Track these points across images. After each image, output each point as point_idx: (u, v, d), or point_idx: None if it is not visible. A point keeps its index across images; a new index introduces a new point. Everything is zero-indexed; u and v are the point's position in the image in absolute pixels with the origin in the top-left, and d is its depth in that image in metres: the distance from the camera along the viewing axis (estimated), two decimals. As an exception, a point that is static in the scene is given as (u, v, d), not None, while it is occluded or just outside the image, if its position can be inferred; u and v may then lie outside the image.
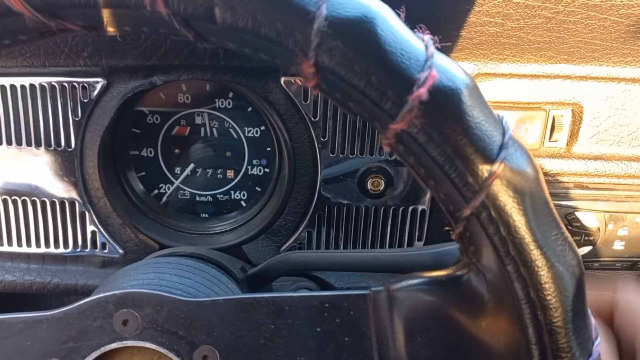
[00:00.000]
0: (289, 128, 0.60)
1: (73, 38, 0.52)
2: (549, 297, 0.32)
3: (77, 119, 0.58)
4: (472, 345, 0.35)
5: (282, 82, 0.57)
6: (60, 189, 0.61)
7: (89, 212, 0.61)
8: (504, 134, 0.33)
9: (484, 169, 0.32)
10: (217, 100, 0.64)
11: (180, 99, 0.64)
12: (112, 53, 0.54)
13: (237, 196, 0.68)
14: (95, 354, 0.37)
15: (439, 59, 0.33)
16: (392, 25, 0.32)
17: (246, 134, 0.65)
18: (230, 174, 0.67)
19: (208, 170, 0.67)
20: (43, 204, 0.61)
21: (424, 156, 0.33)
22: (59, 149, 0.59)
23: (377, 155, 0.60)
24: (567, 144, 0.60)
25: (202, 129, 0.66)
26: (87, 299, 0.38)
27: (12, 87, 0.57)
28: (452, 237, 0.37)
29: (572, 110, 0.59)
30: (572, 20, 0.51)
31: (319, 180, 0.61)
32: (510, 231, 0.32)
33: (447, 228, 0.37)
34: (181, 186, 0.68)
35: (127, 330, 0.38)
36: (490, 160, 0.32)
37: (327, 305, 0.38)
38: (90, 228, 0.62)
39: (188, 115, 0.65)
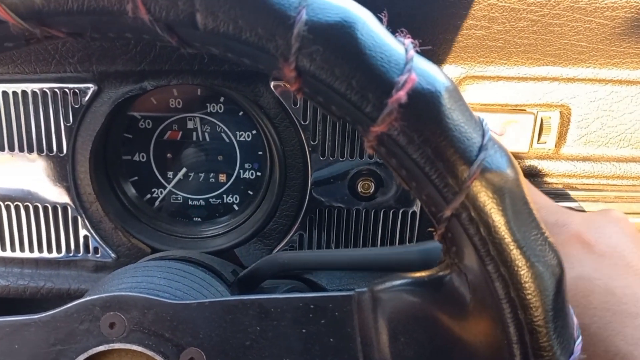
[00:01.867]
0: (279, 132, 0.60)
1: (63, 44, 0.53)
2: (529, 297, 0.33)
3: (68, 124, 0.58)
4: (455, 345, 0.35)
5: (271, 86, 0.58)
6: (53, 194, 0.61)
7: (81, 216, 0.62)
8: (483, 135, 0.33)
9: (464, 170, 0.32)
10: (208, 104, 0.64)
11: (172, 104, 0.64)
12: (102, 59, 0.55)
13: (230, 200, 0.69)
14: (82, 357, 0.38)
15: (419, 62, 0.33)
16: (372, 29, 0.33)
17: (238, 138, 0.66)
18: (222, 177, 0.68)
19: (200, 175, 0.68)
20: (36, 209, 0.62)
21: (405, 158, 0.34)
22: (50, 154, 0.59)
23: (366, 158, 0.60)
24: (555, 146, 0.61)
25: (194, 133, 0.66)
26: (74, 302, 0.38)
27: (4, 93, 0.58)
28: (435, 238, 0.37)
29: (560, 112, 0.59)
30: (557, 22, 0.52)
31: (309, 183, 0.61)
32: (490, 231, 0.32)
33: (430, 229, 0.37)
34: (174, 190, 0.68)
35: (114, 333, 0.38)
36: (469, 161, 0.32)
37: (312, 306, 0.38)
38: (82, 233, 0.63)
39: (180, 120, 0.65)
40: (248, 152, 0.67)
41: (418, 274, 0.37)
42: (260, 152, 0.66)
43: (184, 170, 0.67)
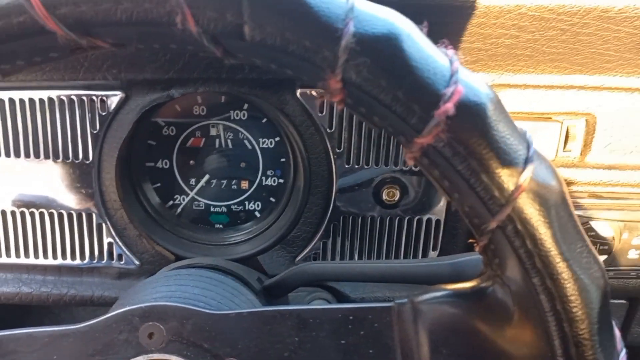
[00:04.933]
0: (304, 139, 0.60)
1: (93, 52, 0.53)
2: (575, 310, 0.32)
3: (95, 131, 0.58)
4: (498, 358, 0.35)
5: (297, 94, 0.58)
6: (77, 201, 0.61)
7: (106, 223, 0.62)
8: (528, 147, 0.33)
9: (510, 183, 0.32)
10: (232, 111, 0.65)
11: (196, 111, 0.64)
12: (131, 67, 0.55)
13: (252, 207, 0.69)
14: (121, 367, 0.38)
15: (464, 74, 0.33)
16: (418, 42, 0.33)
17: (261, 145, 0.66)
18: (244, 184, 0.68)
19: (223, 181, 0.68)
20: (60, 216, 0.62)
21: (449, 170, 0.34)
22: (76, 161, 0.59)
23: (392, 166, 0.60)
24: (581, 154, 0.60)
25: (217, 140, 0.66)
26: (113, 313, 0.38)
27: (31, 100, 0.58)
28: (475, 249, 0.37)
29: (585, 120, 0.59)
30: (586, 31, 0.52)
31: (334, 190, 0.61)
32: (536, 244, 0.32)
33: (471, 241, 0.37)
34: (196, 197, 0.68)
35: (152, 343, 0.38)
36: (516, 173, 0.32)
37: (351, 317, 0.38)
38: (106, 240, 0.63)
39: (203, 127, 0.66)
40: (271, 159, 0.67)
41: (460, 286, 0.37)
42: (283, 159, 0.66)
43: (207, 177, 0.67)
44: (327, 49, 0.32)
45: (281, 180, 0.67)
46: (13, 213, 0.62)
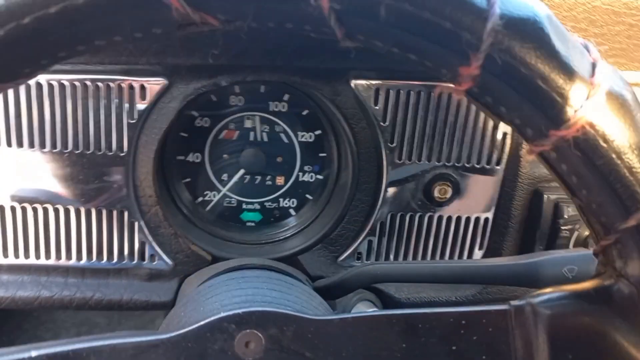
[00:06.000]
0: (355, 133, 0.57)
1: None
2: None
3: (132, 121, 0.54)
4: (626, 358, 0.34)
5: (352, 84, 0.55)
6: (107, 197, 0.56)
7: (139, 221, 0.57)
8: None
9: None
10: (270, 103, 0.61)
11: (233, 101, 0.60)
12: (178, 51, 0.51)
13: (286, 204, 0.65)
14: (215, 380, 0.34)
15: (603, 64, 0.32)
16: (559, 26, 0.31)
17: (299, 139, 0.63)
18: (280, 180, 0.64)
19: (256, 177, 0.64)
20: (87, 212, 0.57)
21: (583, 165, 0.32)
22: (109, 153, 0.55)
23: (444, 161, 0.58)
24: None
25: (252, 133, 0.62)
26: (206, 320, 0.34)
27: (61, 85, 0.53)
28: (594, 249, 0.35)
29: None
30: (654, 27, 0.51)
31: (383, 187, 0.59)
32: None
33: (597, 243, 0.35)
34: (228, 193, 0.64)
35: (249, 352, 0.34)
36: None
37: (463, 322, 0.36)
38: (138, 238, 0.58)
39: (237, 119, 0.62)
40: (309, 154, 0.63)
41: (580, 286, 0.35)
42: (321, 154, 0.63)
43: (241, 171, 0.63)
44: (471, 31, 0.29)
45: (319, 176, 0.64)
46: (35, 209, 0.56)
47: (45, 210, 0.56)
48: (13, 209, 0.56)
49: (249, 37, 0.50)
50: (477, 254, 0.62)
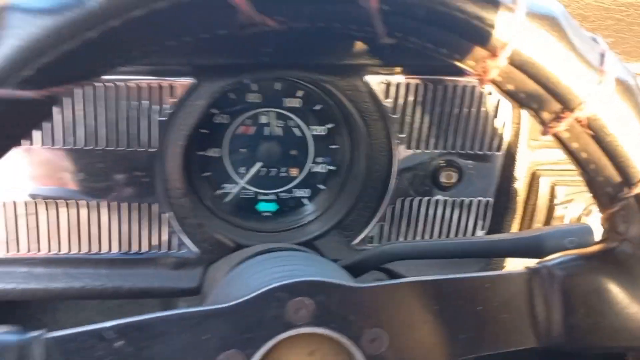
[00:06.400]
0: (368, 124, 0.62)
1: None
2: None
3: (162, 119, 0.57)
4: (631, 313, 0.39)
5: (365, 80, 0.59)
6: (138, 190, 0.60)
7: (168, 212, 0.61)
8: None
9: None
10: (284, 99, 0.65)
11: (250, 99, 0.64)
12: (205, 51, 0.55)
13: (300, 194, 0.69)
14: (271, 343, 0.38)
15: (610, 54, 0.37)
16: (572, 21, 0.36)
17: (312, 132, 0.67)
18: (293, 172, 0.68)
19: (272, 169, 0.68)
20: (118, 206, 0.60)
21: (592, 143, 0.37)
22: (140, 149, 0.58)
23: (449, 149, 0.63)
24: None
25: (267, 128, 0.66)
26: (260, 290, 0.38)
27: (94, 87, 0.56)
28: (601, 218, 0.40)
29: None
30: (637, 22, 0.57)
31: (393, 174, 0.63)
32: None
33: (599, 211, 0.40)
34: (245, 185, 0.68)
35: (299, 318, 0.38)
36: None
37: (487, 285, 0.40)
38: (167, 229, 0.62)
39: (253, 115, 0.66)
40: (321, 146, 0.68)
41: (589, 249, 0.40)
42: (332, 146, 0.68)
43: (259, 164, 0.67)
44: (498, 28, 0.34)
45: (331, 167, 0.68)
46: (67, 204, 0.59)
47: (78, 205, 0.60)
48: (47, 204, 0.59)
49: (277, 37, 0.53)
50: (480, 234, 0.67)
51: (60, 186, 0.59)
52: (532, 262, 0.42)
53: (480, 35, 0.34)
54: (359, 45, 0.56)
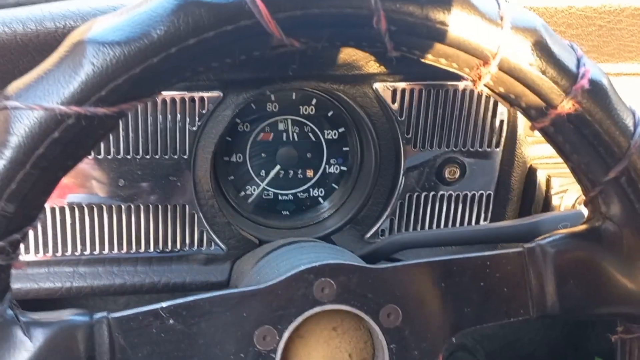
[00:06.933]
0: (376, 127, 0.68)
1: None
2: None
3: (193, 128, 0.64)
4: (616, 281, 0.44)
5: (374, 87, 0.66)
6: (172, 194, 0.66)
7: (198, 213, 0.67)
8: (633, 116, 0.43)
9: (626, 142, 0.42)
10: (300, 107, 0.71)
11: (269, 108, 0.71)
12: (231, 67, 0.61)
13: (316, 193, 0.76)
14: (300, 319, 0.44)
15: (586, 58, 0.43)
16: (552, 32, 0.42)
17: (325, 137, 0.73)
18: (309, 173, 0.75)
19: (289, 172, 0.74)
20: (155, 208, 0.66)
21: (574, 135, 0.43)
22: (174, 156, 0.64)
23: (452, 147, 0.69)
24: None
25: (285, 134, 0.73)
26: (291, 272, 0.44)
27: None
28: (585, 201, 0.46)
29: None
30: (618, 27, 0.63)
31: (401, 172, 0.69)
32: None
33: (583, 194, 0.46)
34: (266, 187, 0.74)
35: (325, 296, 0.44)
36: (630, 134, 0.42)
37: (488, 262, 0.46)
38: (198, 228, 0.68)
39: (272, 122, 0.72)
40: (334, 149, 0.74)
41: (576, 228, 0.46)
42: (344, 148, 0.74)
43: (277, 167, 0.73)
44: (489, 40, 0.40)
45: (343, 168, 0.75)
46: (110, 208, 0.66)
47: (119, 209, 0.66)
48: (91, 208, 0.66)
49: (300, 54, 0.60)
50: (482, 224, 0.73)
51: (102, 192, 0.65)
52: (528, 243, 0.48)
53: (473, 47, 0.40)
54: (368, 57, 0.62)
